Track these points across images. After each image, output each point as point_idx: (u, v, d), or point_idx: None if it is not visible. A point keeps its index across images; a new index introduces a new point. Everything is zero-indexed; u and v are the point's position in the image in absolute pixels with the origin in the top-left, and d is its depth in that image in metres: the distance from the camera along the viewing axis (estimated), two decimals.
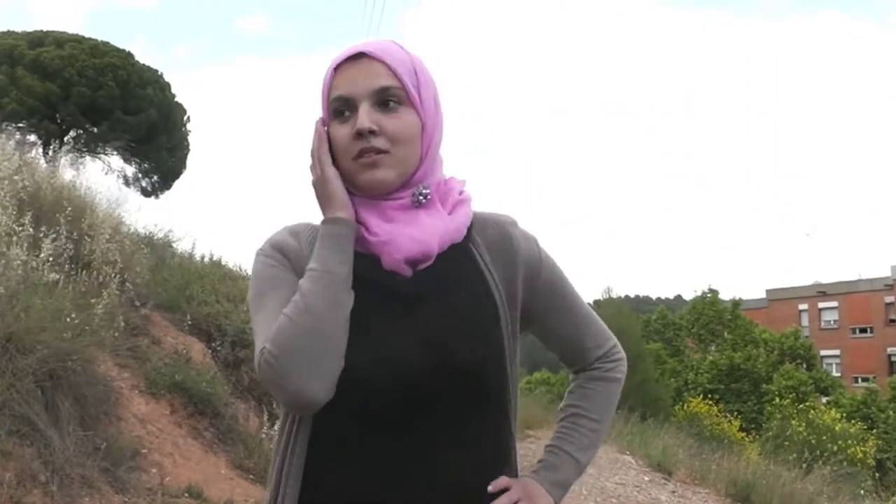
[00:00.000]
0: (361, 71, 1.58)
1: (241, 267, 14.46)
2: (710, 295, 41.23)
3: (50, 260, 6.76)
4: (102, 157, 26.99)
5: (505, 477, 1.61)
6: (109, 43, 26.19)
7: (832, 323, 55.82)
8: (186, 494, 6.40)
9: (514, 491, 1.61)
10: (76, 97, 24.25)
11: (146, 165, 27.81)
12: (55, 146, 13.59)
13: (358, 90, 1.57)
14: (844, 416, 24.50)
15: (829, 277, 59.66)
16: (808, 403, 27.22)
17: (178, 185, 28.68)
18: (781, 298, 57.08)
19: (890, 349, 52.19)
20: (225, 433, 7.90)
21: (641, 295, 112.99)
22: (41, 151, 17.29)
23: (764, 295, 59.08)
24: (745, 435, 23.21)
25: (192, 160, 28.63)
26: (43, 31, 26.14)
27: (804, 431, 20.38)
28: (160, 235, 12.41)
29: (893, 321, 53.22)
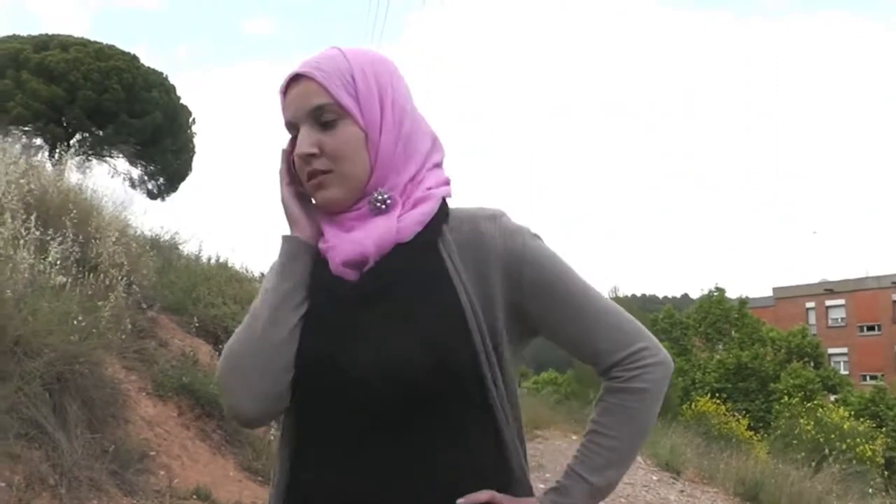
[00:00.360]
0: (299, 93, 1.59)
1: (247, 269, 14.52)
2: (716, 294, 41.13)
3: (57, 263, 6.76)
4: (108, 159, 27.10)
5: (487, 492, 1.51)
6: (115, 46, 26.28)
7: (840, 321, 55.71)
8: (195, 496, 6.40)
9: None
10: (82, 100, 24.32)
11: (152, 168, 27.88)
12: (61, 149, 13.61)
13: (297, 113, 1.60)
14: (853, 414, 24.45)
15: (836, 275, 59.63)
16: (816, 402, 27.16)
17: (183, 187, 28.76)
18: (788, 297, 57.00)
19: None
20: (233, 435, 7.91)
21: (648, 294, 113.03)
22: (47, 155, 17.36)
23: (771, 293, 59.01)
24: (753, 434, 23.15)
25: (197, 162, 28.67)
26: (48, 34, 26.22)
27: (812, 430, 20.33)
28: (166, 238, 12.44)
29: None
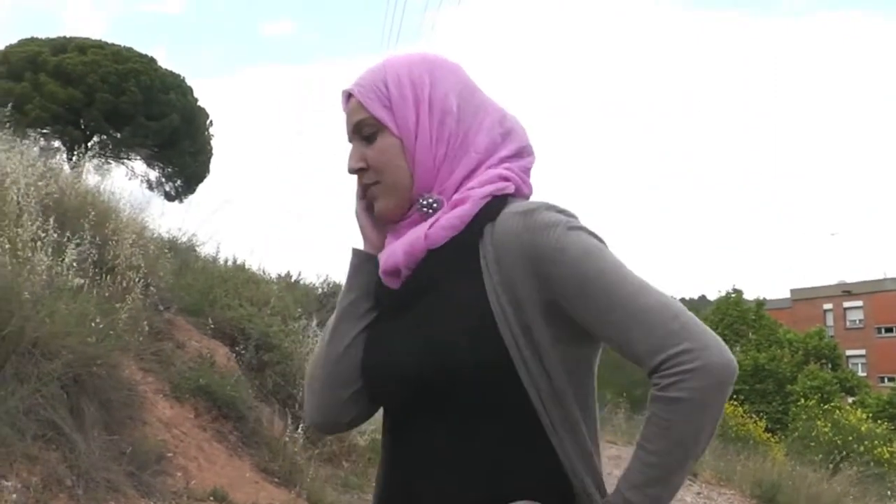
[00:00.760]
0: (347, 111, 1.64)
1: (264, 270, 14.52)
2: (734, 295, 41.02)
3: (74, 265, 6.78)
4: (126, 162, 27.24)
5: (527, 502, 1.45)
6: (132, 48, 26.41)
7: (857, 322, 55.46)
8: (211, 498, 6.42)
9: None
10: (99, 103, 24.43)
11: (169, 170, 28.00)
12: (79, 152, 13.66)
13: (348, 131, 1.65)
14: (870, 416, 24.28)
15: (854, 276, 59.33)
16: (833, 404, 27.00)
17: (201, 189, 28.83)
18: (806, 298, 56.76)
19: None
20: (249, 437, 7.92)
21: None
22: (65, 157, 17.43)
23: (788, 295, 58.76)
24: (770, 436, 23.05)
25: (215, 164, 28.74)
26: (66, 37, 26.35)
27: (830, 432, 20.22)
28: (184, 239, 12.45)
29: None
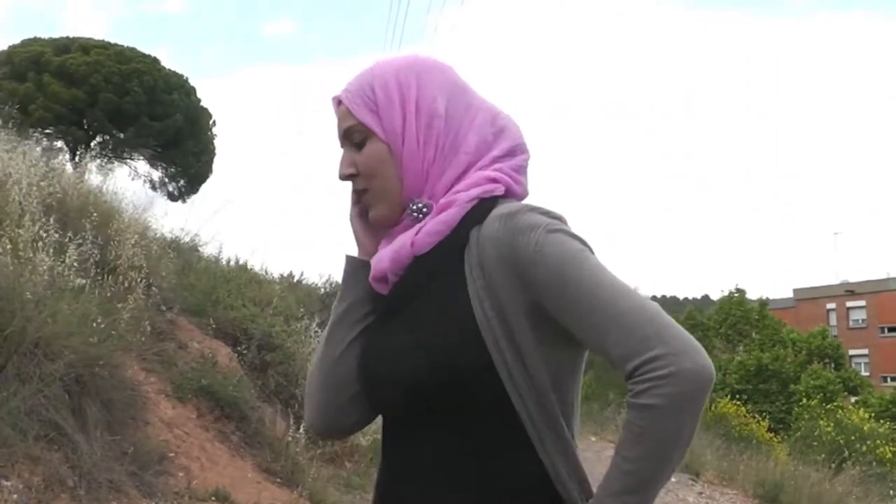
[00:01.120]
0: (338, 117, 1.64)
1: (266, 270, 14.54)
2: (737, 295, 40.98)
3: (76, 265, 6.79)
4: (129, 162, 27.27)
5: None
6: (135, 49, 26.43)
7: (860, 322, 55.37)
8: (214, 498, 6.42)
9: None
10: (102, 103, 24.45)
11: (172, 170, 28.02)
12: (82, 152, 13.67)
13: (338, 137, 1.65)
14: (873, 415, 24.24)
15: (857, 276, 59.24)
16: (836, 403, 26.95)
17: (204, 188, 28.85)
18: (809, 298, 56.69)
19: None
20: (252, 437, 7.93)
21: (669, 295, 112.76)
22: (68, 158, 17.45)
23: (791, 294, 58.71)
24: (773, 435, 23.03)
25: (218, 164, 28.75)
26: (69, 37, 26.38)
27: (832, 431, 20.19)
28: (186, 240, 12.46)
29: None
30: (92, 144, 24.05)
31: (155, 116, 25.28)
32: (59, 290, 6.33)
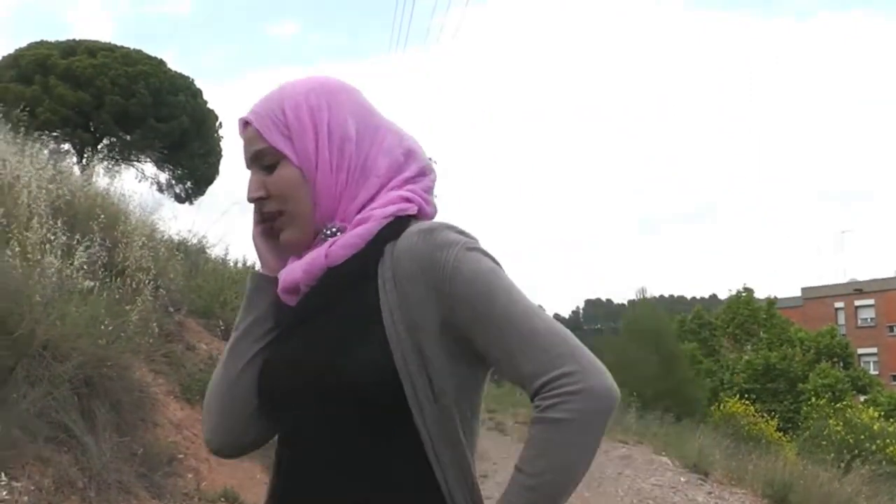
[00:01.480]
0: (245, 139, 1.62)
1: None
2: (744, 294, 40.93)
3: (84, 267, 6.80)
4: (136, 164, 27.30)
5: None
6: (141, 51, 26.48)
7: (869, 321, 55.25)
8: (222, 499, 6.43)
9: None
10: (109, 105, 24.49)
11: (179, 172, 28.03)
12: (89, 154, 13.70)
13: (246, 159, 1.64)
14: (882, 414, 24.22)
15: (865, 275, 59.09)
16: (845, 402, 26.95)
17: (211, 190, 28.86)
18: (817, 297, 56.52)
19: None
20: None
21: (676, 295, 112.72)
22: (75, 160, 17.49)
23: (799, 293, 58.55)
24: (781, 435, 23.01)
25: (225, 166, 28.76)
26: (75, 40, 26.44)
27: (842, 431, 20.18)
28: (194, 241, 12.48)
29: None
30: (99, 147, 24.08)
31: (161, 118, 25.31)
32: (67, 292, 6.34)
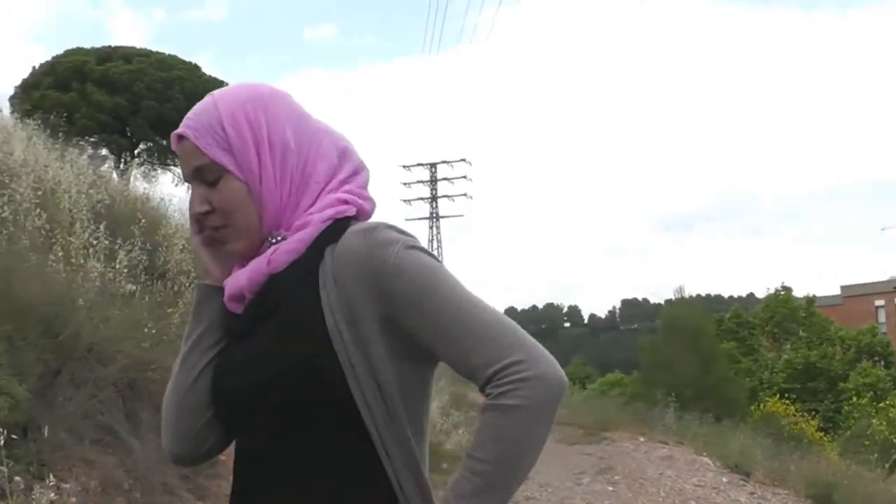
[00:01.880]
0: (182, 153, 1.60)
1: None
2: (783, 293, 40.60)
3: (126, 271, 6.85)
4: (172, 168, 27.47)
5: None
6: (176, 56, 26.72)
7: None
8: None
9: None
10: (145, 111, 24.69)
11: None
12: (126, 159, 13.82)
13: (184, 174, 1.63)
14: None
15: None
16: (887, 402, 26.64)
17: None
18: (857, 295, 55.90)
19: None
20: None
21: (713, 294, 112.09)
22: (113, 165, 17.64)
23: (839, 291, 57.97)
24: (823, 435, 22.79)
25: None
26: (111, 46, 26.73)
27: (885, 430, 19.96)
28: None
29: None
30: (135, 152, 24.30)
31: None
32: (110, 295, 6.40)
